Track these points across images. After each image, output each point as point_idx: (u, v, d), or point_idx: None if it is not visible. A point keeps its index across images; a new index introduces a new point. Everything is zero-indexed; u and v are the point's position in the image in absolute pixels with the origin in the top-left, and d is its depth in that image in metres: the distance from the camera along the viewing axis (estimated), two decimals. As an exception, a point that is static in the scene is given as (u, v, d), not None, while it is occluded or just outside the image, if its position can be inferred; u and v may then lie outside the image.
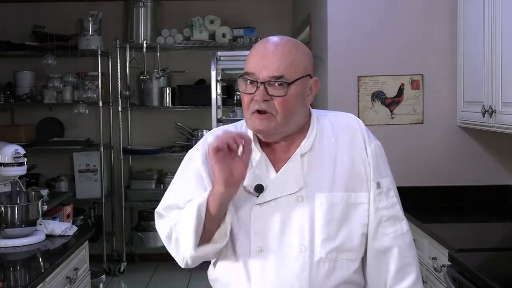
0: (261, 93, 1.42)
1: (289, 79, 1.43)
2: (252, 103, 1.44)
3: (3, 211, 2.70)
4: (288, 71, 1.42)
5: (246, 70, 1.46)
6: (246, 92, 1.45)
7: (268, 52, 1.44)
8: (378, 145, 1.55)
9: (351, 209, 1.48)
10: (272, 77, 1.42)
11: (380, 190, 1.50)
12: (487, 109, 2.75)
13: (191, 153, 1.60)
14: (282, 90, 1.42)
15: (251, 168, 1.48)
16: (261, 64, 1.43)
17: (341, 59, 3.33)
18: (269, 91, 1.42)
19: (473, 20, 2.98)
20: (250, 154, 1.41)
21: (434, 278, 2.68)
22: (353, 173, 1.50)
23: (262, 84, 1.42)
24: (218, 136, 1.38)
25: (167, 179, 5.23)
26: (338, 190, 1.47)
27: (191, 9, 5.35)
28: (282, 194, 1.46)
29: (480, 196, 3.30)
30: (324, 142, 1.52)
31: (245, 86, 1.46)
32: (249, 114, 1.46)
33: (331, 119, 1.57)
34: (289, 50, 1.45)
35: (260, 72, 1.42)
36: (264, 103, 1.42)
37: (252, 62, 1.45)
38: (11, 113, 5.44)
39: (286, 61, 1.43)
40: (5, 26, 5.25)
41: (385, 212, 1.50)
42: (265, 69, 1.42)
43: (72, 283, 2.68)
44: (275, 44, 1.45)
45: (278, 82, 1.42)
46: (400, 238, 1.51)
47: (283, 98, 1.42)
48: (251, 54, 1.48)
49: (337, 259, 1.46)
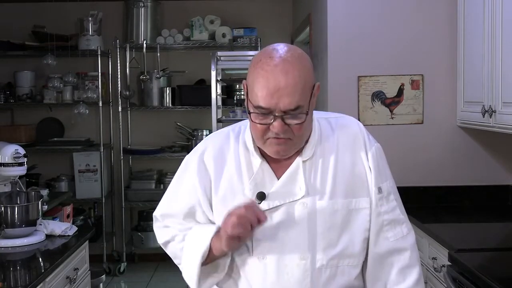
0: (280, 125, 1.37)
1: (305, 105, 1.37)
2: (269, 132, 1.39)
3: (3, 211, 2.69)
4: (302, 98, 1.36)
5: (257, 103, 1.37)
6: (262, 123, 1.38)
7: (279, 82, 1.34)
8: (379, 148, 1.54)
9: (352, 215, 1.47)
10: (289, 110, 1.36)
11: (381, 195, 1.50)
12: (487, 109, 2.75)
13: (187, 160, 1.58)
14: (300, 118, 1.38)
15: (252, 175, 1.48)
16: (275, 98, 1.34)
17: (341, 59, 3.33)
18: (286, 120, 1.37)
19: (473, 20, 2.98)
20: (261, 225, 1.40)
21: (434, 278, 2.68)
22: (354, 178, 1.49)
23: (280, 117, 1.36)
24: (237, 224, 1.36)
25: (167, 179, 5.23)
26: (339, 197, 1.46)
27: (191, 9, 5.35)
28: (284, 201, 1.45)
29: (480, 196, 3.30)
30: (326, 147, 1.50)
31: (259, 118, 1.38)
32: (263, 140, 1.41)
33: (332, 122, 1.55)
34: (299, 73, 1.36)
35: (275, 106, 1.35)
36: (282, 133, 1.38)
37: (262, 95, 1.36)
38: (11, 113, 5.44)
39: (299, 89, 1.36)
40: (5, 26, 5.25)
41: (386, 217, 1.50)
42: (281, 102, 1.34)
43: (72, 283, 2.68)
44: (285, 71, 1.35)
45: (295, 113, 1.36)
46: (401, 240, 1.51)
47: (301, 124, 1.39)
48: (259, 83, 1.36)
49: (339, 265, 1.45)
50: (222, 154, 1.52)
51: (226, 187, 1.49)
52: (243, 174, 1.48)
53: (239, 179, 1.48)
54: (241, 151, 1.51)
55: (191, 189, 1.53)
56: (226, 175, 1.50)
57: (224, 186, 1.50)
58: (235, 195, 1.48)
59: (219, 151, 1.53)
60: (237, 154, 1.51)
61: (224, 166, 1.51)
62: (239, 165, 1.49)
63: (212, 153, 1.53)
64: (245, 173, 1.48)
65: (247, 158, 1.50)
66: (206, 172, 1.52)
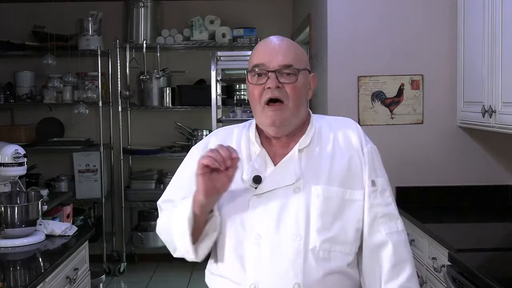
0: (274, 81, 1.49)
1: (298, 67, 1.52)
2: (264, 93, 1.50)
3: (3, 211, 2.69)
4: (295, 61, 1.52)
5: (254, 63, 1.53)
6: (258, 82, 1.52)
7: (274, 45, 1.54)
8: (374, 148, 1.60)
9: (346, 205, 1.51)
10: (282, 65, 1.50)
11: (375, 188, 1.54)
12: (487, 109, 2.75)
13: (192, 150, 1.68)
14: (292, 77, 1.51)
15: (250, 161, 1.55)
16: (270, 55, 1.51)
17: (341, 59, 3.33)
18: (280, 79, 1.50)
19: (473, 20, 2.98)
20: (236, 170, 1.44)
21: (434, 278, 2.68)
22: (350, 170, 1.54)
23: (274, 73, 1.50)
24: (210, 154, 1.41)
25: (167, 179, 5.22)
26: (334, 185, 1.51)
27: (191, 9, 5.35)
28: (280, 185, 1.50)
29: (480, 196, 3.31)
30: (322, 139, 1.57)
31: (255, 78, 1.52)
32: (261, 106, 1.52)
33: (329, 120, 1.65)
34: (293, 45, 1.56)
35: (270, 62, 1.50)
36: (276, 90, 1.49)
37: (259, 55, 1.53)
38: (11, 113, 5.44)
39: (292, 53, 1.53)
40: (5, 26, 5.25)
41: (380, 209, 1.53)
42: (275, 59, 1.50)
43: (72, 283, 2.68)
44: (279, 39, 1.56)
45: (287, 71, 1.50)
46: (395, 235, 1.53)
47: (294, 84, 1.50)
48: (256, 50, 1.56)
49: (331, 250, 1.48)
50: (225, 142, 1.57)
51: None
52: (243, 161, 1.54)
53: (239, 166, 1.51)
54: (243, 142, 1.60)
55: (191, 175, 1.54)
56: None
57: None
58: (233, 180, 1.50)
59: (223, 140, 1.60)
60: (239, 144, 1.59)
61: None
62: (240, 152, 1.54)
63: (216, 141, 1.61)
64: (244, 160, 1.55)
65: (247, 148, 1.58)
66: None
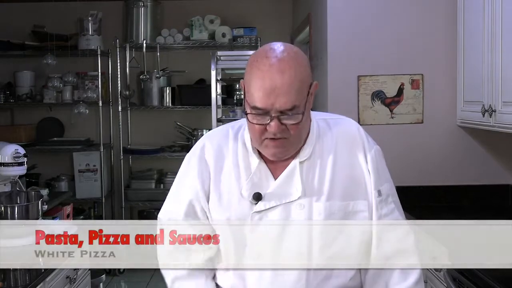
0: (276, 126, 1.37)
1: (301, 105, 1.38)
2: (266, 133, 1.40)
3: (3, 211, 2.69)
4: (298, 98, 1.37)
5: (254, 104, 1.38)
6: (259, 123, 1.39)
7: (275, 82, 1.35)
8: (378, 150, 1.54)
9: (349, 217, 1.47)
10: (285, 110, 1.36)
11: (381, 198, 1.50)
12: (487, 109, 2.75)
13: (189, 158, 1.58)
14: (296, 118, 1.38)
15: (248, 173, 1.48)
16: (271, 98, 1.35)
17: (341, 59, 3.33)
18: (282, 120, 1.38)
19: (473, 20, 2.98)
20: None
21: (434, 278, 2.67)
22: (352, 180, 1.48)
23: (276, 118, 1.37)
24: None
25: (167, 179, 5.23)
26: (337, 199, 1.46)
27: (191, 9, 5.34)
28: (281, 202, 1.45)
29: (480, 196, 3.30)
30: (324, 148, 1.50)
31: (257, 119, 1.39)
32: (261, 140, 1.42)
33: (331, 124, 1.55)
34: (295, 73, 1.36)
35: (271, 107, 1.36)
36: (279, 133, 1.39)
37: (259, 96, 1.36)
38: (11, 113, 5.44)
39: (295, 89, 1.36)
40: (5, 26, 5.24)
41: (387, 219, 1.50)
42: (277, 103, 1.35)
43: (72, 283, 2.68)
44: (281, 70, 1.35)
45: (291, 113, 1.37)
46: (403, 242, 1.51)
47: (298, 125, 1.39)
48: (256, 83, 1.37)
49: (334, 266, 1.45)
50: (221, 152, 1.52)
51: (224, 186, 1.50)
52: (241, 174, 1.48)
53: (237, 179, 1.49)
54: (240, 151, 1.51)
55: (191, 186, 1.53)
56: (224, 174, 1.51)
57: (222, 185, 1.50)
58: (232, 194, 1.48)
59: (218, 149, 1.53)
60: (236, 154, 1.51)
61: (223, 165, 1.51)
62: (237, 164, 1.50)
63: (211, 151, 1.53)
64: (243, 173, 1.48)
65: (245, 157, 1.50)
66: (207, 168, 1.52)
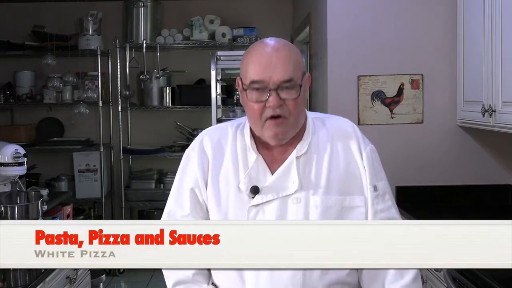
0: (275, 99, 1.41)
1: (298, 80, 1.43)
2: (266, 111, 1.42)
3: (3, 211, 2.69)
4: (295, 73, 1.42)
5: (251, 78, 1.42)
6: (258, 100, 1.42)
7: (271, 57, 1.42)
8: (373, 149, 1.56)
9: (346, 213, 1.48)
10: (283, 81, 1.41)
11: (377, 193, 1.51)
12: (487, 109, 2.75)
13: (189, 154, 1.59)
14: (294, 93, 1.42)
15: (247, 169, 1.49)
16: (268, 71, 1.40)
17: (341, 59, 3.33)
18: (281, 95, 1.41)
19: (473, 20, 2.98)
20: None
21: (434, 278, 2.68)
22: (348, 176, 1.50)
23: (275, 91, 1.41)
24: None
25: (167, 179, 5.23)
26: (333, 193, 1.47)
27: (191, 9, 5.35)
28: (278, 196, 1.47)
29: (480, 196, 3.30)
30: (320, 144, 1.52)
31: (255, 95, 1.43)
32: (261, 122, 1.44)
33: (326, 122, 1.58)
34: (290, 52, 1.44)
35: (269, 79, 1.40)
36: (278, 108, 1.41)
37: (256, 69, 1.42)
38: (11, 113, 5.44)
39: (291, 63, 1.42)
40: (5, 26, 5.25)
41: (383, 215, 1.51)
42: (274, 74, 1.40)
43: (72, 283, 2.68)
44: (275, 49, 1.44)
45: (288, 85, 1.41)
46: None
47: (296, 100, 1.42)
48: (252, 61, 1.44)
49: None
50: (220, 147, 1.54)
51: (222, 180, 1.52)
52: (239, 168, 1.51)
53: (235, 174, 1.50)
54: (239, 146, 1.53)
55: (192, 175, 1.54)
56: (222, 168, 1.52)
57: (220, 178, 1.52)
58: (229, 188, 1.50)
59: (217, 144, 1.55)
60: (234, 148, 1.53)
61: (221, 159, 1.53)
62: (236, 159, 1.52)
63: (210, 144, 1.55)
64: (241, 168, 1.51)
65: (243, 153, 1.52)
66: (206, 159, 1.54)
